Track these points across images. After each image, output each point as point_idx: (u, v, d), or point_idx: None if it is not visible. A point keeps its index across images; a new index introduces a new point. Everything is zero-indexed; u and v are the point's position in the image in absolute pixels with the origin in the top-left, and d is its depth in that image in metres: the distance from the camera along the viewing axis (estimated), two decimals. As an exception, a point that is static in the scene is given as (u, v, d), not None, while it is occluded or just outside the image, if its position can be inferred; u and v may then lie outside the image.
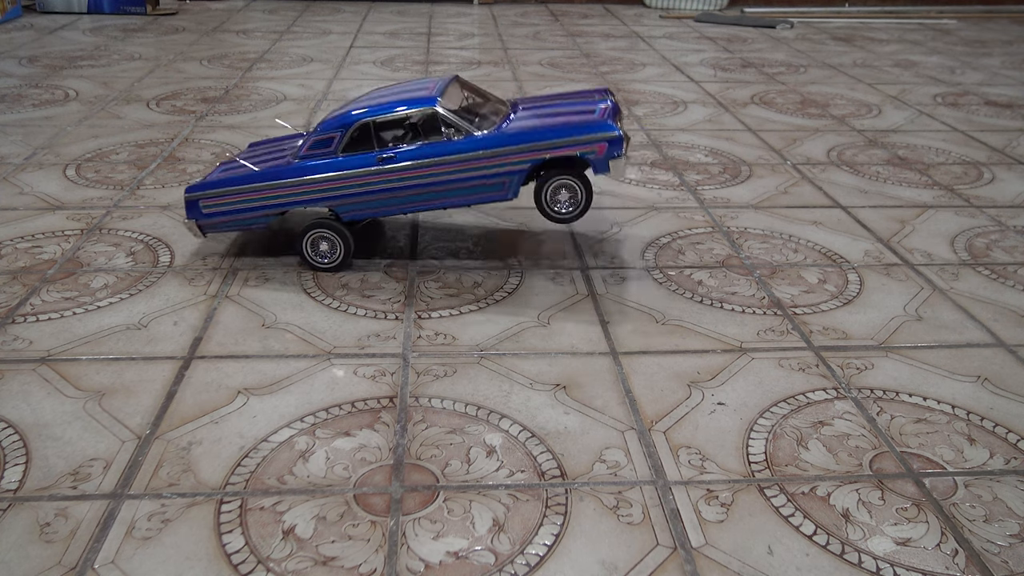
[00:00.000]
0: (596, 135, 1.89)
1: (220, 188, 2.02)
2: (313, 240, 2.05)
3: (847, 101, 3.78)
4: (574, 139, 1.90)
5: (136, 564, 1.22)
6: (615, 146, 1.90)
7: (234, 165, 2.12)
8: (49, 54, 4.23)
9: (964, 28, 5.80)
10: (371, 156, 1.95)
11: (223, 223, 2.07)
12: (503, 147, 1.92)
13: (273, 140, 2.32)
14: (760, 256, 2.23)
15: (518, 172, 1.94)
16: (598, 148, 1.90)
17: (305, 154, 1.99)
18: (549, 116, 2.01)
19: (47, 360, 1.69)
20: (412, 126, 1.96)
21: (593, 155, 1.91)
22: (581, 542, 1.28)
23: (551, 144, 1.90)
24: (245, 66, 4.12)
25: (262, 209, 2.03)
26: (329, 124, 1.99)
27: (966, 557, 1.28)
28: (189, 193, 2.04)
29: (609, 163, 1.92)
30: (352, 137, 1.96)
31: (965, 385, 1.71)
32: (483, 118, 2.00)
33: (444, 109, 1.94)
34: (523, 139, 1.92)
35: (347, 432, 1.51)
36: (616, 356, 1.77)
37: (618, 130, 1.91)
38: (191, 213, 2.06)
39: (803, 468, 1.46)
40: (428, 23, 5.44)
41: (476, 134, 1.94)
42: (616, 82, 4.02)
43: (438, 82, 2.08)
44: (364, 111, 1.97)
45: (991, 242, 2.36)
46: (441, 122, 1.94)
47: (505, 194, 1.98)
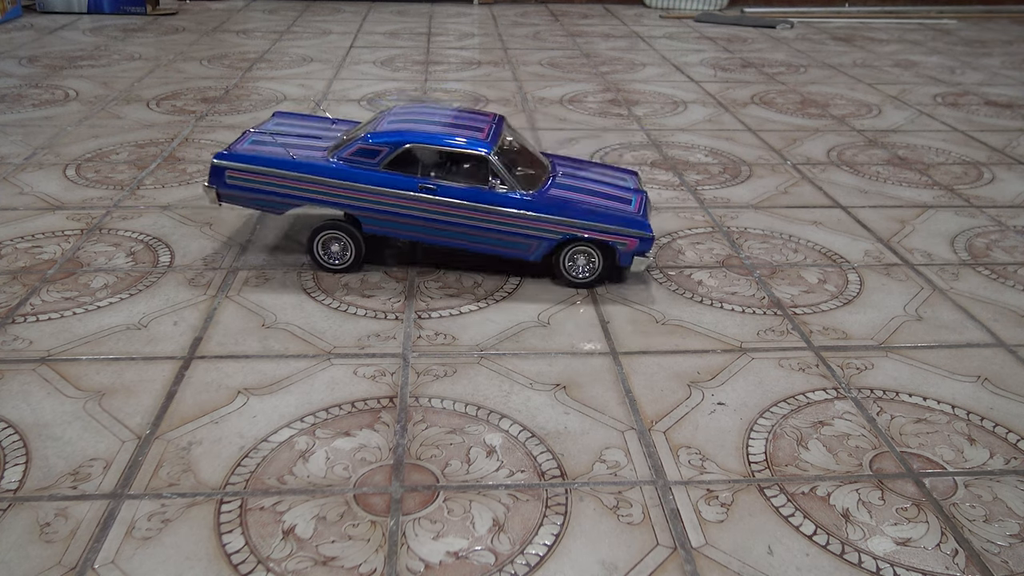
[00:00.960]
0: (635, 232, 1.97)
1: (252, 165, 1.98)
2: (325, 240, 2.04)
3: (847, 101, 3.78)
4: (613, 228, 1.97)
5: (136, 564, 1.22)
6: (646, 244, 1.98)
7: (264, 139, 2.08)
8: (49, 54, 4.23)
9: (964, 28, 5.80)
10: (413, 181, 1.95)
11: (243, 199, 2.03)
12: (544, 215, 1.96)
13: (302, 118, 2.29)
14: (760, 256, 2.23)
15: (549, 240, 1.99)
16: (629, 242, 1.98)
17: (348, 158, 1.97)
18: (590, 194, 2.05)
19: (47, 360, 1.69)
20: (459, 164, 1.96)
21: (623, 247, 1.98)
22: (581, 542, 1.28)
23: (590, 226, 1.97)
24: (245, 66, 4.12)
25: (289, 198, 2.00)
26: (380, 137, 1.96)
27: (966, 557, 1.28)
28: (218, 160, 1.99)
29: (634, 258, 1.99)
30: (399, 156, 1.95)
31: (965, 385, 1.71)
32: (525, 174, 2.02)
33: (496, 159, 1.95)
34: (564, 213, 1.97)
35: (347, 432, 1.51)
36: (616, 356, 1.77)
37: (652, 231, 1.98)
38: (214, 180, 2.00)
39: (803, 468, 1.46)
40: (428, 23, 5.44)
41: (519, 193, 1.96)
42: (616, 82, 4.02)
43: (491, 123, 2.09)
44: (417, 135, 1.96)
45: (991, 242, 2.36)
46: (490, 170, 1.95)
47: (528, 255, 2.02)
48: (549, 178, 2.07)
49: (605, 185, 2.13)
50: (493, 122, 2.11)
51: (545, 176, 2.07)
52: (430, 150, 1.95)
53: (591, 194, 2.05)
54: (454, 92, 3.76)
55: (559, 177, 2.09)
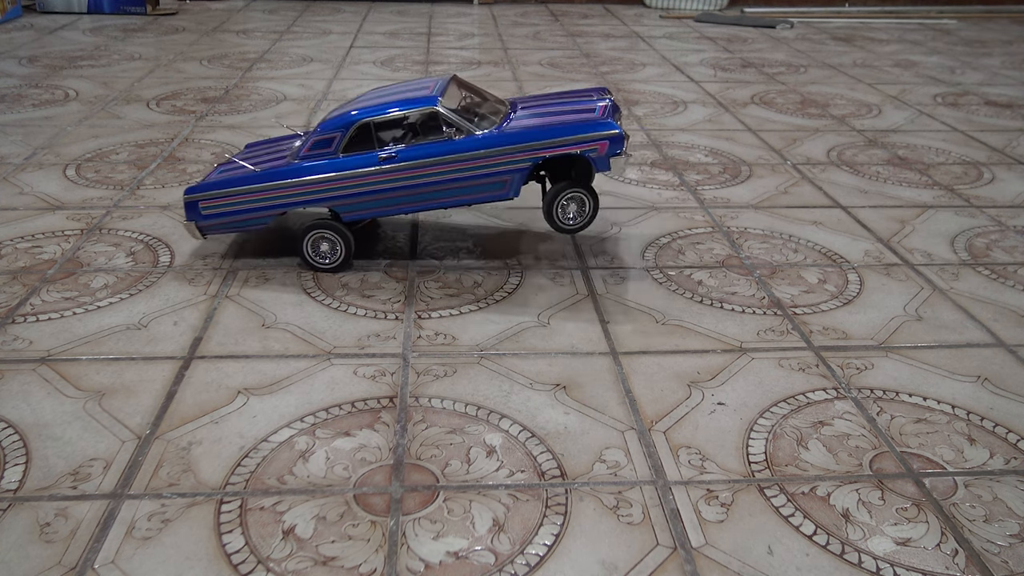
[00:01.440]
0: (597, 133, 1.91)
1: (219, 189, 2.01)
2: (314, 241, 2.04)
3: (847, 101, 3.78)
4: (576, 137, 1.90)
5: (136, 564, 1.22)
6: (616, 144, 1.91)
7: (232, 166, 2.12)
8: (49, 54, 4.23)
9: (964, 28, 5.80)
10: (372, 156, 1.95)
11: (223, 224, 2.06)
12: (504, 146, 1.92)
13: (271, 140, 2.31)
14: (760, 256, 2.23)
15: (520, 171, 1.94)
16: (599, 146, 1.91)
17: (305, 154, 1.99)
18: (550, 115, 2.01)
19: (47, 360, 1.69)
20: (413, 126, 1.96)
21: (594, 153, 1.92)
22: (581, 542, 1.28)
23: (553, 143, 1.91)
24: (245, 66, 4.12)
25: (262, 210, 2.02)
26: (329, 124, 1.98)
27: (966, 557, 1.28)
28: (188, 195, 2.03)
29: (610, 161, 1.93)
30: (353, 137, 1.96)
31: (965, 385, 1.71)
32: (483, 117, 2.00)
33: (445, 108, 1.94)
34: (524, 138, 1.92)
35: (347, 432, 1.51)
36: (616, 356, 1.77)
37: (619, 128, 1.92)
38: (190, 215, 2.05)
39: (803, 468, 1.46)
40: (428, 23, 5.44)
41: (477, 133, 1.94)
42: (616, 82, 4.02)
43: (437, 81, 2.09)
44: (364, 111, 1.97)
45: (991, 242, 2.36)
46: (442, 121, 1.94)
47: (506, 193, 1.98)
48: (507, 115, 2.05)
49: (566, 105, 2.09)
50: (440, 80, 2.10)
51: (503, 114, 2.05)
52: (380, 121, 1.95)
53: (548, 116, 2.02)
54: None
55: (517, 111, 2.07)
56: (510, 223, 2.40)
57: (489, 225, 2.38)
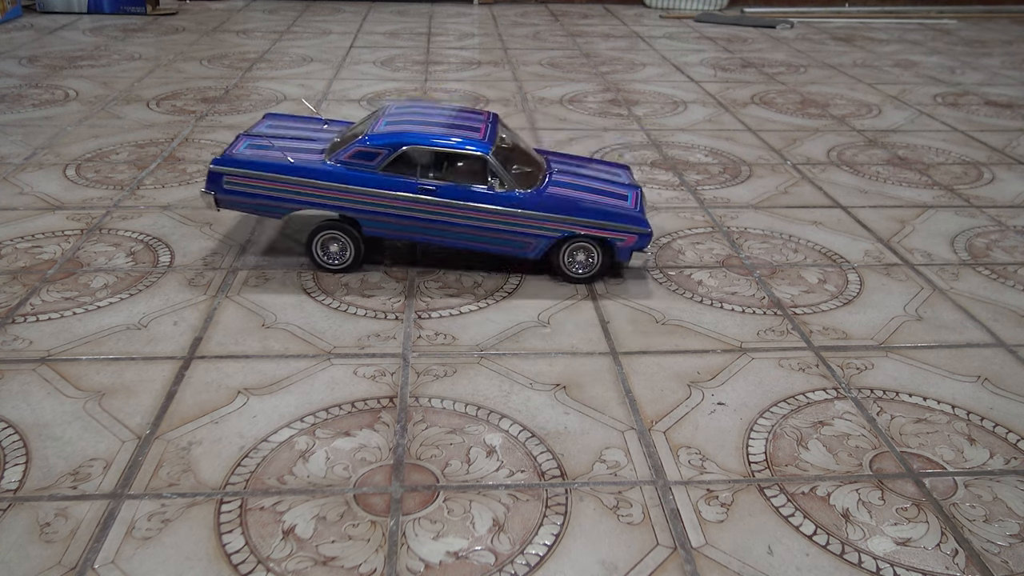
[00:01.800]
0: (633, 227, 1.99)
1: (250, 169, 1.97)
2: (323, 241, 2.04)
3: (847, 101, 3.78)
4: (612, 225, 1.99)
5: (136, 564, 1.22)
6: (643, 240, 2.01)
7: (260, 143, 2.07)
8: (49, 54, 4.23)
9: (964, 28, 5.80)
10: (413, 184, 1.95)
11: (242, 204, 2.02)
12: (543, 212, 1.97)
13: (293, 119, 2.28)
14: (760, 256, 2.23)
15: (549, 238, 2.00)
16: (628, 238, 2.00)
17: (346, 161, 1.97)
18: (587, 191, 2.06)
19: (47, 360, 1.69)
20: (458, 164, 1.96)
21: (621, 243, 2.00)
22: (581, 542, 1.28)
23: (589, 223, 1.98)
24: (245, 66, 4.12)
25: (288, 202, 1.99)
26: (378, 139, 1.96)
27: (966, 557, 1.28)
28: (216, 166, 1.98)
29: (632, 253, 2.02)
30: (397, 158, 1.95)
31: (965, 385, 1.71)
32: (522, 172, 2.03)
33: (494, 159, 1.96)
34: (564, 210, 1.98)
35: (347, 432, 1.51)
36: (616, 356, 1.77)
37: (650, 227, 2.00)
38: (212, 186, 2.00)
39: (803, 468, 1.46)
40: (428, 23, 5.44)
41: (518, 192, 1.97)
42: (616, 82, 4.02)
43: (487, 123, 2.09)
44: (416, 136, 1.96)
45: (991, 242, 2.36)
46: (488, 171, 1.96)
47: (527, 252, 2.03)
48: (545, 176, 2.08)
49: (600, 182, 2.14)
50: (489, 121, 2.11)
51: (541, 174, 2.07)
52: (428, 151, 1.95)
53: (588, 191, 2.06)
54: (454, 92, 3.76)
55: (555, 175, 2.10)
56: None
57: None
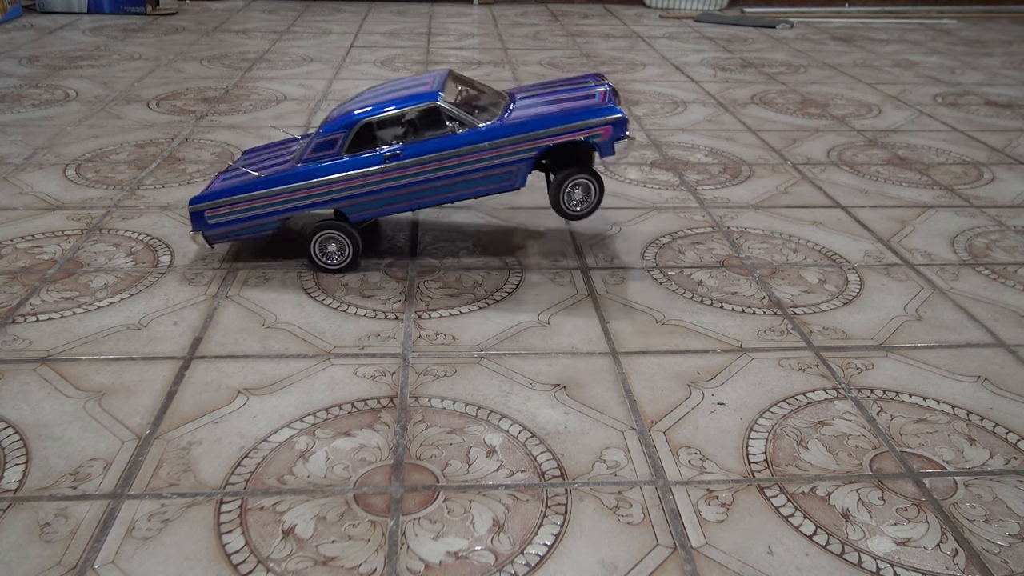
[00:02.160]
0: (601, 119, 1.92)
1: (225, 197, 2.01)
2: (321, 241, 2.04)
3: (847, 101, 3.78)
4: (579, 124, 1.92)
5: (136, 564, 1.22)
6: (620, 128, 1.93)
7: (234, 173, 2.11)
8: (49, 54, 4.23)
9: (964, 28, 5.80)
10: (377, 155, 1.95)
11: (230, 232, 2.05)
12: (509, 136, 1.93)
13: (269, 146, 2.31)
14: (760, 256, 2.23)
15: (525, 160, 1.95)
16: (603, 131, 1.93)
17: (309, 157, 1.98)
18: (550, 103, 2.02)
19: (47, 360, 1.69)
20: (415, 122, 1.96)
21: (599, 138, 1.93)
22: (581, 542, 1.28)
23: (557, 130, 1.92)
24: (245, 66, 4.12)
25: (269, 216, 2.01)
26: (331, 126, 1.98)
27: (966, 557, 1.28)
28: (193, 205, 2.03)
29: (615, 145, 1.94)
30: (356, 137, 1.96)
31: (965, 385, 1.71)
32: (484, 109, 2.01)
33: (446, 103, 1.95)
34: (528, 128, 1.93)
35: (347, 432, 1.51)
36: (616, 356, 1.77)
37: (622, 112, 1.93)
38: (197, 225, 2.04)
39: (803, 468, 1.46)
40: (428, 23, 5.44)
41: (480, 126, 1.95)
42: (616, 82, 4.02)
43: (435, 77, 2.09)
44: (366, 110, 1.96)
45: (991, 242, 2.36)
46: (444, 116, 1.94)
47: (513, 183, 1.99)
48: (507, 106, 2.06)
49: (566, 92, 2.10)
50: (438, 75, 2.10)
51: (504, 105, 2.06)
52: (382, 119, 1.95)
53: (550, 104, 2.03)
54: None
55: (517, 101, 2.08)
56: (510, 222, 2.40)
57: (489, 224, 2.38)
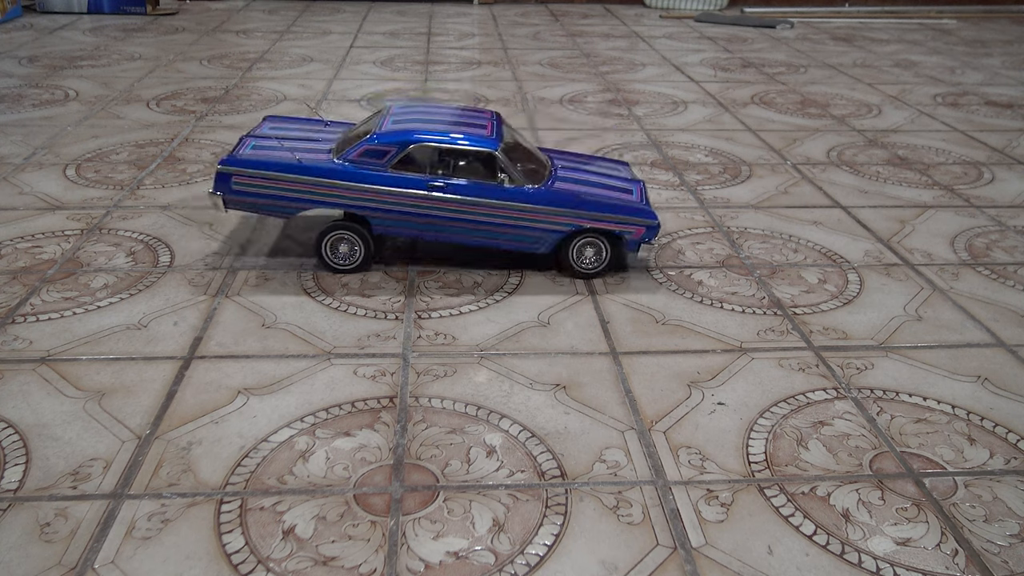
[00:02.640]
0: (642, 220, 2.02)
1: (259, 169, 1.96)
2: (333, 242, 2.04)
3: (847, 101, 3.78)
4: (621, 218, 2.01)
5: (136, 564, 1.22)
6: (651, 232, 2.04)
7: (267, 143, 2.06)
8: (49, 54, 4.23)
9: (964, 28, 5.80)
10: (422, 181, 1.95)
11: (251, 204, 2.01)
12: (553, 207, 1.99)
13: (295, 120, 2.28)
14: (760, 256, 2.23)
15: (559, 233, 2.02)
16: (636, 230, 2.02)
17: (355, 159, 1.97)
18: (592, 185, 2.09)
19: (47, 360, 1.69)
20: (466, 162, 1.97)
21: (630, 235, 2.03)
22: (581, 542, 1.28)
23: (599, 216, 2.00)
24: (245, 66, 4.12)
25: (297, 201, 1.99)
26: (387, 137, 1.96)
27: (966, 557, 1.28)
28: (223, 166, 1.97)
29: (640, 245, 2.05)
30: (405, 156, 1.95)
31: (965, 385, 1.71)
32: (528, 169, 2.04)
33: (503, 155, 1.97)
34: (573, 204, 1.99)
35: (347, 432, 1.51)
36: (616, 356, 1.77)
37: (658, 219, 2.03)
38: (220, 187, 1.99)
39: (803, 468, 1.46)
40: (428, 23, 5.44)
41: (527, 187, 1.98)
42: (616, 82, 4.02)
43: (492, 121, 2.11)
44: (425, 134, 1.96)
45: (991, 242, 2.36)
46: (497, 167, 1.97)
47: (537, 247, 2.04)
48: (551, 172, 2.10)
49: (605, 177, 2.17)
50: (493, 119, 2.13)
51: (546, 170, 2.09)
52: (437, 149, 1.96)
53: (594, 186, 2.09)
54: (454, 92, 3.76)
55: (559, 170, 2.12)
56: (510, 223, 2.40)
57: (489, 225, 2.38)
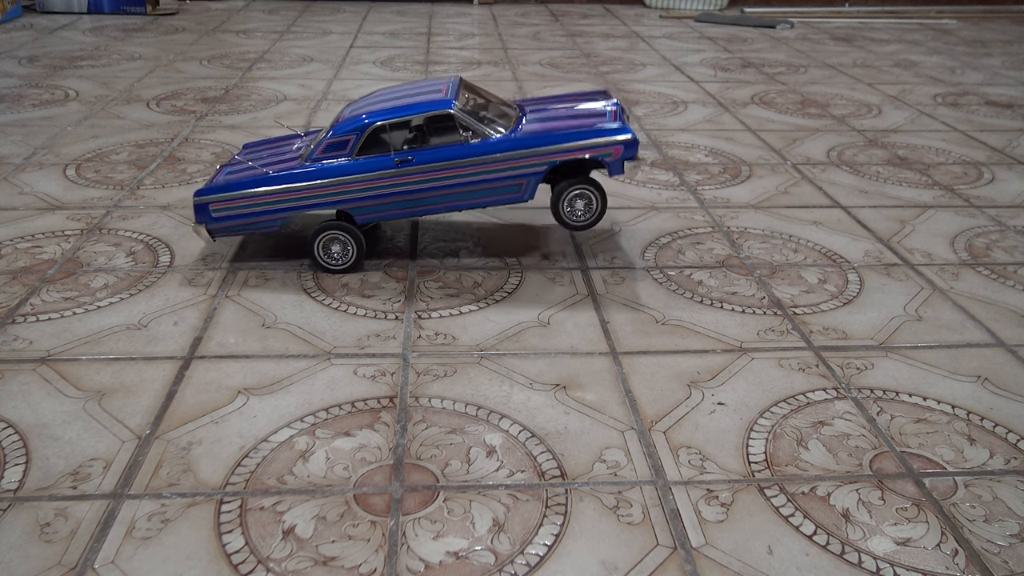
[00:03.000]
0: (613, 139, 1.95)
1: (231, 191, 1.99)
2: (325, 242, 2.04)
3: (847, 101, 3.78)
4: (592, 142, 1.94)
5: (136, 564, 1.22)
6: (630, 149, 1.96)
7: (239, 167, 2.10)
8: (49, 54, 4.23)
9: (964, 28, 5.80)
10: (388, 159, 1.95)
11: (234, 226, 2.04)
12: (521, 150, 1.94)
13: (270, 141, 2.31)
14: (760, 256, 2.23)
15: (536, 174, 1.97)
16: (614, 151, 1.96)
17: (319, 156, 1.98)
18: (562, 119, 2.04)
19: (47, 360, 1.69)
20: (427, 129, 1.96)
21: (609, 157, 1.96)
22: (581, 542, 1.28)
23: (569, 147, 1.94)
24: (245, 66, 4.12)
25: (275, 212, 2.00)
26: (344, 127, 1.97)
27: (966, 557, 1.28)
28: (198, 197, 2.01)
29: (624, 164, 1.97)
30: (367, 140, 1.95)
31: (965, 385, 1.71)
32: (495, 121, 2.02)
33: (460, 112, 1.95)
34: (541, 142, 1.95)
35: (347, 432, 1.51)
36: (616, 356, 1.77)
37: (632, 133, 1.95)
38: (200, 217, 2.02)
39: (803, 468, 1.46)
40: (428, 23, 5.44)
41: (493, 137, 1.95)
42: (616, 82, 4.02)
43: (447, 84, 2.09)
44: (379, 113, 1.96)
45: (991, 242, 2.36)
46: (458, 125, 1.95)
47: (521, 195, 2.01)
48: (519, 118, 2.07)
49: (576, 109, 2.12)
50: (450, 82, 2.11)
51: (515, 117, 2.07)
52: (395, 124, 1.96)
53: (562, 119, 2.04)
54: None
55: (527, 115, 2.09)
56: (510, 222, 2.40)
57: (489, 224, 2.38)
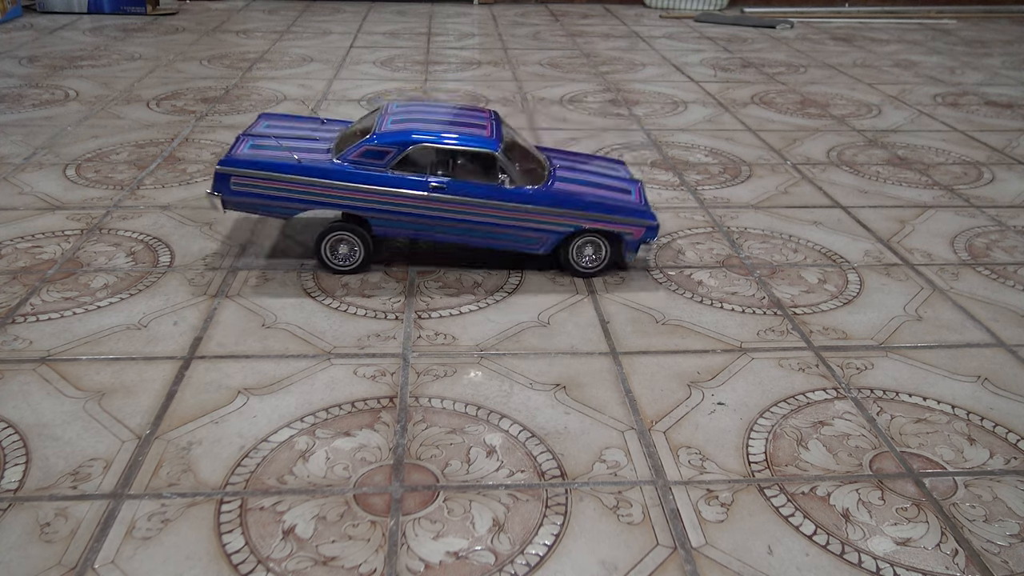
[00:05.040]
0: (642, 221, 2.03)
1: (259, 170, 1.95)
2: (332, 243, 2.04)
3: (847, 101, 3.78)
4: (622, 219, 2.02)
5: (136, 564, 1.22)
6: (651, 234, 2.05)
7: (265, 142, 2.05)
8: (49, 54, 4.23)
9: (964, 28, 5.80)
10: (423, 182, 1.95)
11: (250, 204, 2.00)
12: (555, 208, 1.99)
13: (291, 118, 2.27)
14: (760, 256, 2.23)
15: (560, 233, 2.02)
16: (635, 231, 2.03)
17: (355, 159, 1.96)
18: (592, 186, 2.09)
19: (47, 360, 1.69)
20: (466, 162, 1.97)
21: (630, 236, 2.03)
22: (581, 542, 1.28)
23: (600, 217, 2.01)
24: (245, 66, 4.12)
25: (296, 202, 1.98)
26: (387, 138, 1.96)
27: (966, 557, 1.28)
28: (222, 167, 1.96)
29: (640, 246, 2.06)
30: (406, 156, 1.95)
31: (965, 385, 1.71)
32: (528, 169, 2.04)
33: (503, 156, 1.97)
34: (575, 205, 2.00)
35: (347, 432, 1.51)
36: (616, 356, 1.77)
37: (657, 220, 2.04)
38: (219, 187, 1.97)
39: (803, 468, 1.46)
40: (428, 23, 5.44)
41: (528, 188, 1.98)
42: (616, 82, 4.02)
43: (490, 121, 2.10)
44: (425, 135, 1.96)
45: (991, 242, 2.36)
46: (498, 167, 1.97)
47: (538, 248, 2.05)
48: (550, 172, 2.10)
49: (603, 177, 2.17)
50: (492, 118, 2.13)
51: (545, 170, 2.09)
52: (438, 149, 1.96)
53: (593, 186, 2.09)
54: (454, 92, 3.76)
55: (559, 171, 2.12)
56: (510, 223, 2.40)
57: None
